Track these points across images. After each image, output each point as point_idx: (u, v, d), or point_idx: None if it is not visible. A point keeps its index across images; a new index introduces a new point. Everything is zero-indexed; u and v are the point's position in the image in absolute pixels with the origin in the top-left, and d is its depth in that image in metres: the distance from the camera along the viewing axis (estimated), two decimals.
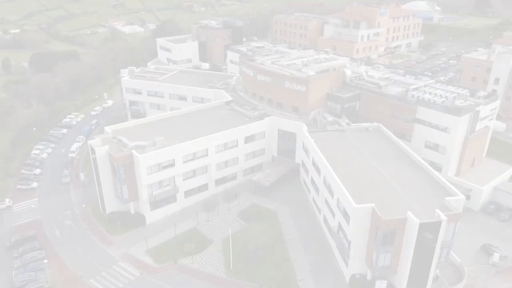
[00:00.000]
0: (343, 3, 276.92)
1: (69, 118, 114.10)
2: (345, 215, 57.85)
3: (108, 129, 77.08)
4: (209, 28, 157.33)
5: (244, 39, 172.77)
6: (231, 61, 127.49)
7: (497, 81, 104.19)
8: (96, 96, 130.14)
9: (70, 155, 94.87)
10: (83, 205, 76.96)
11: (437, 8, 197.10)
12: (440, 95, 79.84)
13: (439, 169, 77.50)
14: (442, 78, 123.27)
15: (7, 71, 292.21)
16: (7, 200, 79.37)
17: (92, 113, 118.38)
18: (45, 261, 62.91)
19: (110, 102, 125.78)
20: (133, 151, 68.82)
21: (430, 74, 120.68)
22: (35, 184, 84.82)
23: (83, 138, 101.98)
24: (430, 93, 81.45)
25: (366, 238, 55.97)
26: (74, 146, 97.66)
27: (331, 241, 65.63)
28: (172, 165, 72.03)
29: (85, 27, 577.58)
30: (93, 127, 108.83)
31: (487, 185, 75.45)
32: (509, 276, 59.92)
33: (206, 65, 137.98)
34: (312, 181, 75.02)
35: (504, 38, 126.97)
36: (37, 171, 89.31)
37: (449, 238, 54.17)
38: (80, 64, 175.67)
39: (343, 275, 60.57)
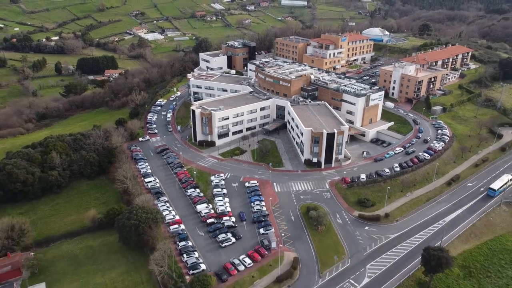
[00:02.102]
0: (328, 26, 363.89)
1: (159, 101, 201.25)
2: (303, 134, 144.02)
3: (196, 103, 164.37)
4: (233, 47, 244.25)
5: (256, 53, 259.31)
6: (250, 70, 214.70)
7: (395, 82, 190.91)
8: (170, 89, 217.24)
9: (168, 119, 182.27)
10: (187, 137, 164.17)
11: (386, 33, 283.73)
12: (354, 88, 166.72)
13: (352, 123, 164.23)
14: (373, 80, 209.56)
15: (58, 73, 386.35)
16: (147, 136, 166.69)
17: (171, 99, 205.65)
18: (181, 153, 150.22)
19: (178, 93, 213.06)
20: (212, 111, 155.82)
21: (362, 77, 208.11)
22: (156, 131, 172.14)
23: (171, 110, 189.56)
24: (350, 87, 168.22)
25: (309, 142, 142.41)
26: (169, 114, 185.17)
27: (297, 148, 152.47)
28: (228, 118, 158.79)
29: (113, 34, 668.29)
30: (174, 105, 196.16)
31: (372, 129, 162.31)
32: (368, 161, 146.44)
33: (233, 72, 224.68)
34: (292, 128, 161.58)
35: (409, 57, 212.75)
36: (154, 125, 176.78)
37: (340, 141, 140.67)
38: (148, 69, 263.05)
39: (301, 159, 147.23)
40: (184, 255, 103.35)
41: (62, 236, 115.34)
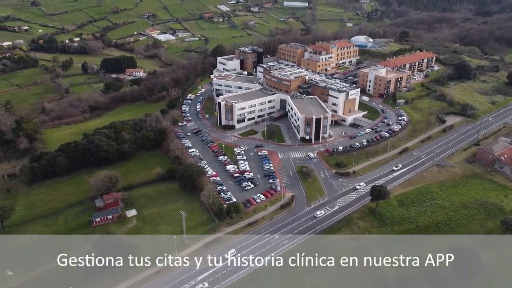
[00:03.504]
0: (326, 27, 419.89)
1: (189, 96, 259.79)
2: (299, 119, 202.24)
3: (220, 97, 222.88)
4: (244, 52, 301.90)
5: (263, 56, 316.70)
6: (259, 71, 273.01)
7: (370, 81, 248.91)
8: (196, 87, 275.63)
9: (197, 109, 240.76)
10: (214, 122, 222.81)
11: (370, 39, 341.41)
12: (337, 86, 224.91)
13: (336, 112, 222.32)
14: (355, 79, 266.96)
15: (85, 72, 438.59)
16: (184, 122, 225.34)
17: (198, 93, 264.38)
18: (212, 133, 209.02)
19: (203, 90, 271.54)
20: (233, 103, 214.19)
21: (347, 77, 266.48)
22: (190, 118, 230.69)
23: (199, 103, 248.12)
24: (334, 85, 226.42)
25: (303, 125, 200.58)
26: (198, 106, 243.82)
27: (295, 129, 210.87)
28: (244, 108, 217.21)
29: (127, 35, 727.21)
30: (202, 99, 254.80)
31: (351, 117, 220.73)
32: (345, 138, 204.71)
33: (245, 72, 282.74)
34: (291, 115, 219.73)
35: (383, 61, 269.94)
36: (188, 114, 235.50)
37: (325, 124, 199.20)
38: (174, 70, 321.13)
39: (298, 137, 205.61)
40: (221, 194, 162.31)
41: (139, 185, 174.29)
